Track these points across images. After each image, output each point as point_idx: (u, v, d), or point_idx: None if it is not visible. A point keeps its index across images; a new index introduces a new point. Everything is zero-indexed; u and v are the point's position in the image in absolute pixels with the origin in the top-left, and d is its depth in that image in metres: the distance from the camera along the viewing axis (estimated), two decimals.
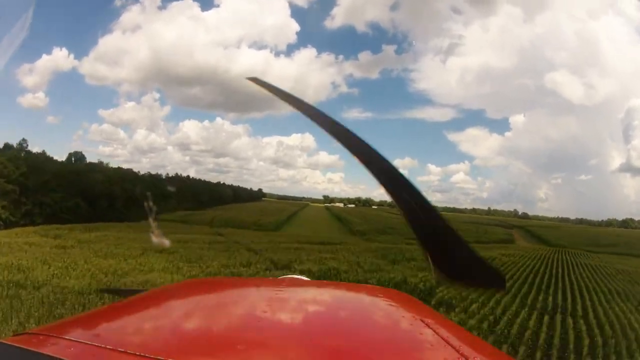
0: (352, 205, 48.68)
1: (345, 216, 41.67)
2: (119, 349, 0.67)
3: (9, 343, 0.71)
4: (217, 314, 1.01)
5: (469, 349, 0.78)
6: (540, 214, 43.33)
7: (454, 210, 44.86)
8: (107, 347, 0.68)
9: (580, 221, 38.93)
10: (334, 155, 44.71)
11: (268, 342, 0.75)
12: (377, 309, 1.13)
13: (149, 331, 0.85)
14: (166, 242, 17.21)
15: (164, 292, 1.16)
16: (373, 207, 46.59)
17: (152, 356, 0.64)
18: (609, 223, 37.91)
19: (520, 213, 44.04)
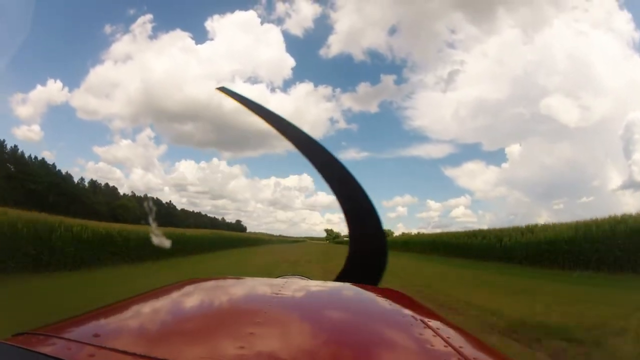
0: None
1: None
2: (119, 349, 0.67)
3: (9, 343, 0.71)
4: (217, 313, 1.01)
5: (469, 349, 0.77)
6: None
7: None
8: (107, 347, 0.68)
9: None
10: (333, 196, 43.19)
11: (267, 342, 0.75)
12: (377, 309, 1.13)
13: (149, 331, 0.85)
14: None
15: (164, 291, 1.16)
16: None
17: (152, 356, 0.64)
18: None
19: None
